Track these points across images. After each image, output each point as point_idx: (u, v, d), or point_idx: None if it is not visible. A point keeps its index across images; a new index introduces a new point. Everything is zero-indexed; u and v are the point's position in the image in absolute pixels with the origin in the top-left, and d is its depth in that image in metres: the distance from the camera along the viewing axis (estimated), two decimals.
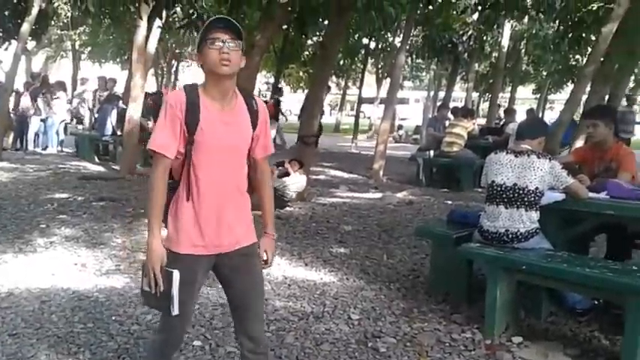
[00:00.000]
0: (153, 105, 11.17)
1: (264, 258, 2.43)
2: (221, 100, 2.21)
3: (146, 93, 10.77)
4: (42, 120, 13.40)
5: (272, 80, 19.89)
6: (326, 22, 11.34)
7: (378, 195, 9.03)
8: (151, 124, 11.41)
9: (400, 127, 25.97)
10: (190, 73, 37.18)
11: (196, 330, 3.56)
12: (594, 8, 9.47)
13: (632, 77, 19.31)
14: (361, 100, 21.94)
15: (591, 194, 3.83)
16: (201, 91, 2.20)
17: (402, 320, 3.86)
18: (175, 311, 2.18)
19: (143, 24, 9.43)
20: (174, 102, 2.17)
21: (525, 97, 31.84)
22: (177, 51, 31.04)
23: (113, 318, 3.73)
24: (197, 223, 2.22)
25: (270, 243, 2.46)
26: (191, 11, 9.63)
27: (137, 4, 9.47)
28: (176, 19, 12.04)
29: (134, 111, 9.66)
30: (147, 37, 9.59)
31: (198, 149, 2.17)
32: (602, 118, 4.35)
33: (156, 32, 9.75)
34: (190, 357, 3.24)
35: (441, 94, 25.70)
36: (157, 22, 9.64)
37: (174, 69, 35.68)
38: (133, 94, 9.70)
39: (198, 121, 2.15)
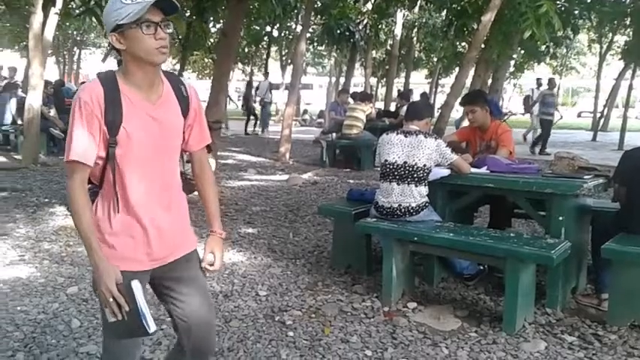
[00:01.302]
0: (54, 93, 10.57)
1: (211, 260, 2.04)
2: (147, 89, 1.81)
3: (46, 81, 10.15)
4: None
5: (178, 67, 19.36)
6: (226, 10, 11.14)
7: (285, 177, 9.06)
8: (52, 112, 10.83)
9: (305, 111, 26.13)
10: (93, 60, 35.50)
11: None
12: None
13: (513, 62, 20.43)
14: (252, 86, 21.79)
15: (473, 169, 4.02)
16: (120, 81, 1.78)
17: (307, 294, 3.91)
18: (152, 327, 1.78)
19: (38, 11, 8.85)
20: (89, 98, 1.72)
21: (419, 81, 32.84)
22: (78, 38, 29.49)
23: (18, 308, 3.53)
24: (128, 236, 1.84)
25: (217, 242, 2.06)
26: None
27: None
28: (74, 5, 11.36)
29: (34, 99, 9.07)
30: (43, 25, 9.01)
31: (122, 152, 1.77)
32: (478, 104, 4.57)
33: (53, 19, 9.17)
34: None
35: (343, 80, 26.03)
36: (54, 9, 9.06)
37: (76, 57, 33.90)
38: (32, 82, 9.10)
39: (120, 118, 1.74)
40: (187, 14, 12.44)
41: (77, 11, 11.49)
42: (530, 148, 13.61)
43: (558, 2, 10.84)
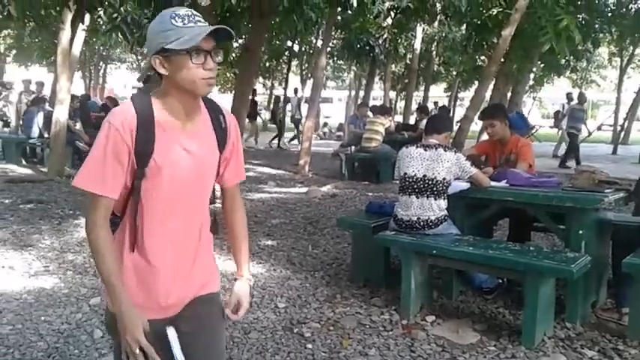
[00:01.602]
0: (80, 107, 10.76)
1: (236, 306, 1.81)
2: (184, 119, 1.61)
3: (72, 95, 10.35)
4: None
5: None
6: (249, 25, 11.28)
7: (304, 189, 9.08)
8: (78, 125, 11.02)
9: (325, 124, 26.19)
10: (118, 75, 36.03)
11: None
12: (494, 13, 9.87)
13: (532, 76, 20.31)
14: (287, 100, 21.97)
15: (493, 183, 3.99)
16: (156, 107, 1.58)
17: (325, 306, 3.90)
18: None
19: (67, 27, 9.05)
20: (120, 124, 1.52)
21: (438, 95, 32.77)
22: (104, 53, 30.01)
23: (42, 318, 3.58)
24: (143, 281, 1.62)
25: (245, 288, 1.84)
26: (114, 15, 9.30)
27: (59, 9, 9.08)
28: (101, 22, 11.61)
29: (60, 113, 9.26)
30: (71, 40, 9.21)
31: (149, 185, 1.57)
32: (497, 118, 4.55)
33: (80, 35, 9.38)
34: None
35: (362, 94, 26.10)
36: (81, 26, 9.27)
37: (101, 72, 34.47)
38: (59, 96, 9.29)
39: (152, 149, 1.55)
40: None
41: (104, 27, 11.74)
42: (559, 165, 13.02)
43: (579, 16, 10.79)
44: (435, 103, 19.63)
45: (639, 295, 3.33)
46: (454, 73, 25.08)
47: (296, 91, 20.15)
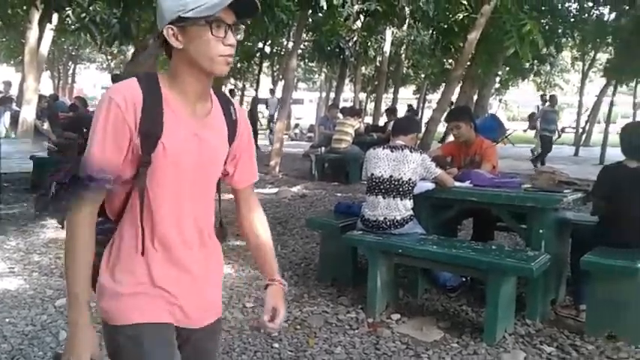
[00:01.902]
0: (47, 107, 10.55)
1: (272, 314, 1.57)
2: (195, 102, 1.42)
3: (40, 95, 10.14)
4: None
5: None
6: None
7: (274, 190, 9.06)
8: (46, 125, 10.81)
9: (297, 125, 26.18)
10: (88, 75, 35.42)
11: None
12: (460, 18, 10.00)
13: (498, 79, 20.64)
14: (258, 101, 21.88)
15: (457, 183, 4.05)
16: (164, 86, 1.38)
17: (293, 305, 3.90)
18: None
19: (34, 26, 8.87)
20: (122, 99, 1.31)
21: (407, 97, 33.03)
22: (73, 53, 29.47)
23: (7, 320, 3.50)
24: (156, 286, 1.41)
25: (280, 294, 1.62)
26: (83, 15, 9.15)
27: (26, 8, 8.90)
28: (69, 22, 11.40)
29: (28, 113, 9.08)
30: (39, 40, 9.03)
31: (157, 175, 1.36)
32: (462, 120, 4.61)
33: (48, 35, 9.21)
34: None
35: (333, 95, 26.15)
36: (49, 25, 9.09)
37: (70, 71, 33.84)
38: (26, 96, 9.12)
39: (160, 131, 1.34)
40: None
41: (72, 27, 11.52)
42: (533, 165, 13.10)
43: (542, 21, 11.02)
44: (409, 106, 19.79)
45: (596, 292, 3.41)
46: (423, 75, 25.33)
47: (272, 92, 20.07)
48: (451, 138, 5.11)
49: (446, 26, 10.79)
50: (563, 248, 4.01)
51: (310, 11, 11.03)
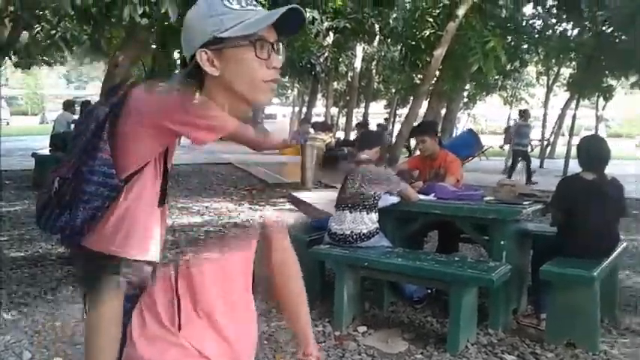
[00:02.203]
0: None
1: None
2: None
3: None
4: None
5: None
6: None
7: None
8: None
9: None
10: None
11: None
12: (427, 34, 10.17)
13: (465, 94, 20.96)
14: None
15: (421, 196, 4.10)
16: None
17: (260, 321, 3.87)
18: None
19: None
20: None
21: (378, 112, 33.29)
22: None
23: None
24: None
25: None
26: (53, 32, 9.05)
27: None
28: (39, 38, 11.27)
29: None
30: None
31: None
32: (428, 134, 4.69)
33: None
34: None
35: (305, 110, 26.25)
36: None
37: None
38: None
39: None
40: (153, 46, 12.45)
41: (43, 44, 11.37)
42: (525, 182, 12.33)
43: (507, 38, 11.25)
44: (386, 119, 19.91)
45: (555, 301, 3.48)
46: (393, 90, 25.58)
47: None
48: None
49: (413, 43, 10.96)
50: (525, 259, 4.08)
51: None
